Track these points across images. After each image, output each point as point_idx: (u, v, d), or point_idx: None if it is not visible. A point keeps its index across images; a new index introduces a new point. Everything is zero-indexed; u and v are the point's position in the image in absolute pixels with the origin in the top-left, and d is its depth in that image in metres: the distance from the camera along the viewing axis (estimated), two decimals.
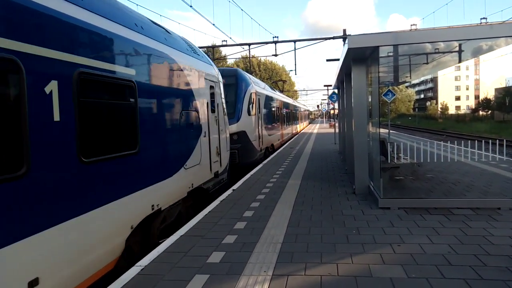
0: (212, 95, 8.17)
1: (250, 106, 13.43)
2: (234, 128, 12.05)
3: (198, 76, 7.32)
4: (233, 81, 13.09)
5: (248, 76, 14.72)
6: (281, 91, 34.70)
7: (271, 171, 11.25)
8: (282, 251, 4.53)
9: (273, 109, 19.63)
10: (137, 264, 4.28)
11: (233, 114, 12.44)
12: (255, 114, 13.91)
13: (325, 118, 76.08)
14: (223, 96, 9.28)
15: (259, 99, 15.00)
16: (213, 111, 8.10)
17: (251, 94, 13.66)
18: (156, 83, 5.53)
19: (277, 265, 4.12)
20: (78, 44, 3.84)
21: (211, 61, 8.95)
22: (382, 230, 5.19)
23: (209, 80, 7.99)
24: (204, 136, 7.42)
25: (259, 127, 14.73)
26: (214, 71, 8.72)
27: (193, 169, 6.81)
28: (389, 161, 7.96)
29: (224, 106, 9.34)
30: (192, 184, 6.82)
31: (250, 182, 9.39)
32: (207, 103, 7.70)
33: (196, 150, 6.96)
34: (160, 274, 4.00)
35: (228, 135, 9.64)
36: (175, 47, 6.44)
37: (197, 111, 7.07)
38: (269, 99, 18.31)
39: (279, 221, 5.85)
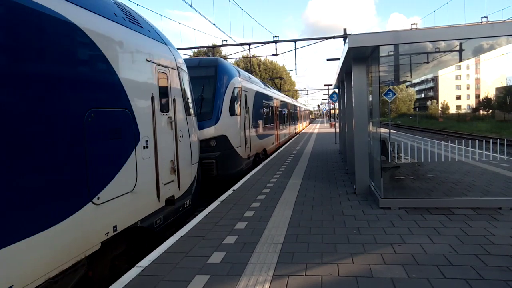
0: (164, 87, 5.81)
1: (234, 104, 10.88)
2: (211, 131, 9.77)
3: (132, 57, 4.97)
4: (212, 73, 10.51)
5: (233, 68, 12.06)
6: (279, 89, 32.69)
7: (272, 171, 11.24)
8: (283, 252, 4.52)
9: (266, 108, 16.96)
10: (137, 265, 4.28)
11: (210, 114, 9.96)
12: (240, 114, 11.33)
13: (326, 117, 76.07)
14: (188, 89, 6.99)
15: (246, 95, 12.44)
16: (164, 109, 5.73)
17: (235, 89, 11.04)
18: (30, 62, 3.29)
19: (277, 265, 4.12)
20: None
21: (165, 38, 6.41)
22: (382, 230, 5.18)
23: (158, 65, 5.61)
24: (145, 147, 5.08)
25: (247, 130, 12.19)
26: (169, 53, 6.22)
27: (117, 201, 4.34)
28: (389, 161, 7.94)
29: (191, 103, 7.09)
30: (115, 226, 4.33)
31: (250, 182, 9.39)
32: (152, 97, 5.34)
33: (126, 170, 4.55)
34: (160, 275, 4.00)
35: (195, 142, 7.14)
36: (88, 8, 4.17)
37: (128, 109, 4.70)
38: (261, 96, 15.71)
39: (280, 221, 5.84)
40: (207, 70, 10.57)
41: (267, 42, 21.62)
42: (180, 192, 6.22)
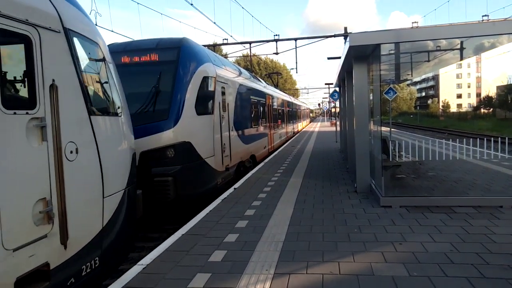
0: (18, 63, 3.32)
1: (204, 99, 8.17)
2: (167, 137, 7.14)
3: None
4: (173, 57, 7.80)
5: (205, 51, 9.17)
6: (276, 86, 29.70)
7: (273, 169, 11.24)
8: (284, 250, 4.53)
9: (256, 105, 13.95)
10: (139, 263, 4.29)
11: (167, 112, 7.29)
12: (214, 112, 8.49)
13: (326, 116, 76.03)
14: (105, 70, 4.58)
15: (225, 88, 9.46)
16: (15, 103, 3.17)
17: (206, 79, 8.24)
18: None
19: (278, 263, 4.12)
20: None
21: None
22: (383, 229, 5.18)
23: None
24: None
25: (225, 133, 9.30)
26: (44, 4, 3.54)
27: None
28: (390, 160, 7.94)
29: (112, 93, 4.68)
30: None
31: (251, 181, 9.39)
32: None
33: None
34: (161, 272, 4.00)
35: (118, 157, 4.58)
36: None
37: None
38: (248, 91, 12.54)
39: (281, 219, 5.84)
40: (167, 53, 7.88)
41: (267, 41, 21.59)
42: (67, 252, 3.52)
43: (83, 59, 4.08)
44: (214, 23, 19.94)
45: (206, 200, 7.67)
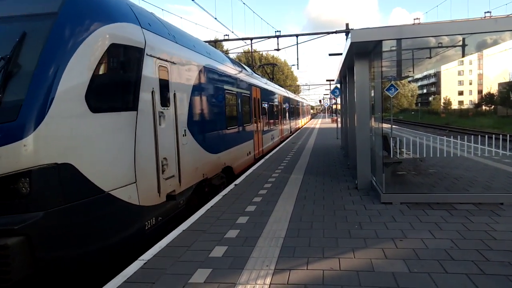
0: None
1: (112, 84, 4.88)
2: (13, 156, 3.75)
3: None
4: (51, 8, 4.43)
5: (123, 3, 5.40)
6: (271, 79, 26.95)
7: (273, 166, 11.25)
8: (284, 246, 4.54)
9: (234, 99, 10.62)
10: (139, 258, 4.31)
11: (16, 107, 3.88)
12: (138, 106, 5.14)
13: (327, 113, 75.93)
14: None
15: (166, 69, 6.03)
16: None
17: (115, 48, 4.82)
18: None
19: (279, 259, 4.13)
20: None
21: None
22: (384, 225, 5.19)
23: None
24: None
25: (168, 141, 6.01)
26: None
27: None
28: (391, 156, 7.94)
29: None
30: None
31: (252, 177, 9.40)
32: None
33: None
34: (162, 268, 4.02)
35: None
36: None
37: None
38: (218, 79, 9.05)
39: (281, 215, 5.86)
40: (40, 1, 4.65)
41: (269, 37, 21.53)
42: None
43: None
44: (215, 18, 19.88)
45: (118, 265, 4.51)
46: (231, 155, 9.96)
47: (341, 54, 13.51)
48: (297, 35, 21.16)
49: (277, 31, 21.02)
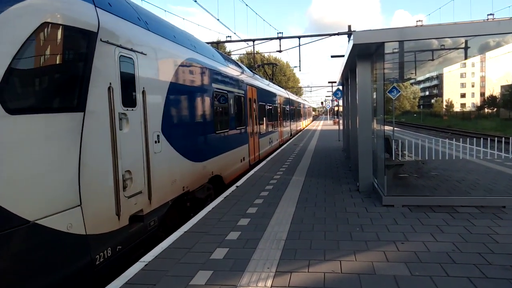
0: None
1: (39, 77, 3.64)
2: None
3: None
4: None
5: None
6: (271, 79, 25.57)
7: (275, 168, 11.24)
8: (286, 248, 4.53)
9: (223, 99, 9.32)
10: (141, 260, 4.31)
11: None
12: (85, 106, 3.94)
13: (329, 115, 75.89)
14: None
15: (132, 59, 4.87)
16: None
17: (48, 28, 3.58)
18: None
19: (280, 261, 4.12)
20: None
21: None
22: (385, 228, 5.18)
23: None
24: None
25: (134, 149, 4.87)
26: None
27: None
28: (393, 159, 7.93)
29: None
30: None
31: (253, 179, 9.40)
32: None
33: None
34: (163, 269, 4.02)
35: None
36: None
37: None
38: (203, 75, 7.76)
39: (283, 218, 5.85)
40: None
41: (271, 39, 21.52)
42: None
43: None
44: (218, 20, 19.81)
45: None
46: (221, 162, 8.71)
47: (343, 56, 13.50)
48: (299, 37, 21.16)
49: (279, 32, 21.01)
